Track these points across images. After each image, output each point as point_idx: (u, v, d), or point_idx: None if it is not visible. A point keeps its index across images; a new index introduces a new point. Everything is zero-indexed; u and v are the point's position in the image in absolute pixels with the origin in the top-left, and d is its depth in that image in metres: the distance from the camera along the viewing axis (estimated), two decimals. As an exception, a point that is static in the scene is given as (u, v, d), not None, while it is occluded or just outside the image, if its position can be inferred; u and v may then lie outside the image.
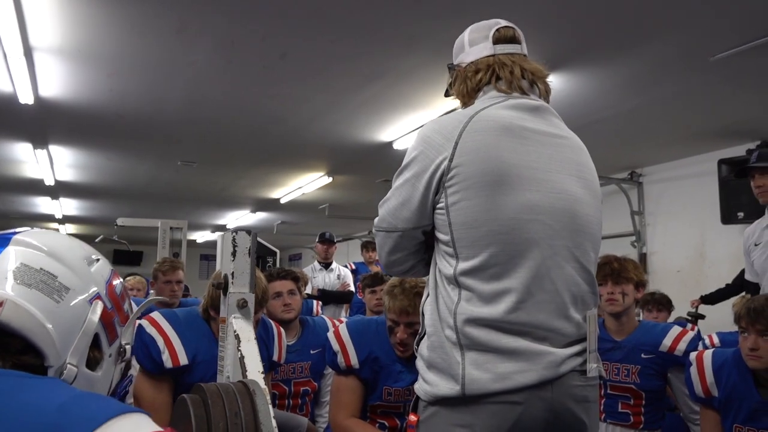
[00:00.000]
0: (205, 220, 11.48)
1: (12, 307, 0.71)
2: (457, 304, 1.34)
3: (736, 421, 1.90)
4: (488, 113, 1.40)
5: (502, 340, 1.31)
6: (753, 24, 3.35)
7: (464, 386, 1.30)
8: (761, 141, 5.64)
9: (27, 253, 0.77)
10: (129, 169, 7.32)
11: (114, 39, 3.74)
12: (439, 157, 1.36)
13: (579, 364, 1.37)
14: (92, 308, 0.78)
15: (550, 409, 1.33)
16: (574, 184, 1.42)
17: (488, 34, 1.54)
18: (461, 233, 1.34)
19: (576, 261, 1.39)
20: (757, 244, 2.73)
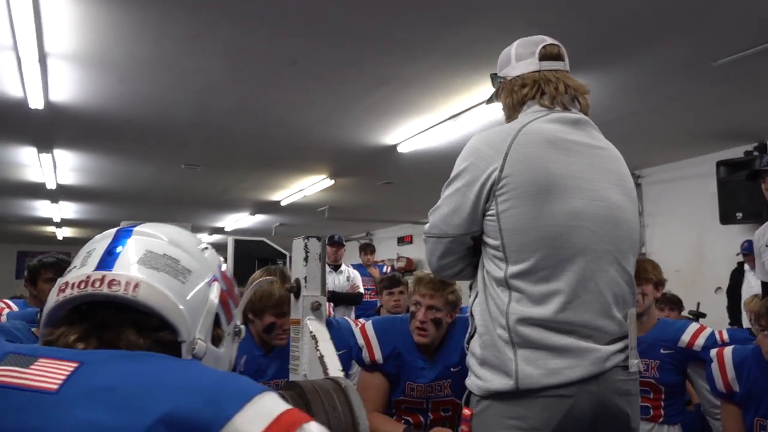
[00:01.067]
0: (203, 223, 11.51)
1: (147, 288, 0.77)
2: (508, 305, 1.43)
3: (758, 414, 1.98)
4: (534, 127, 1.49)
5: (551, 338, 1.40)
6: (756, 30, 3.45)
7: (518, 381, 1.39)
8: (758, 143, 5.77)
9: (150, 242, 0.83)
10: (132, 172, 7.35)
11: (127, 45, 3.79)
12: (490, 168, 1.45)
13: (622, 360, 1.46)
14: (212, 289, 0.84)
15: (597, 402, 1.42)
16: (614, 192, 1.52)
17: (535, 51, 1.62)
18: (511, 239, 1.43)
19: (618, 264, 1.49)
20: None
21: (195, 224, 10.85)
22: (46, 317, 0.80)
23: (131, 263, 0.79)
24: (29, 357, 0.69)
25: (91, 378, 0.67)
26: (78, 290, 0.77)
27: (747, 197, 5.63)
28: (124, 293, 0.76)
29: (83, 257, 0.82)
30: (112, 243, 0.82)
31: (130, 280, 0.77)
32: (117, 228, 0.86)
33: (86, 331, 0.76)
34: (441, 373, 2.31)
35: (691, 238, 6.28)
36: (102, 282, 0.77)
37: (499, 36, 3.73)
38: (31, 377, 0.66)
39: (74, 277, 0.79)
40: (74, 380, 0.66)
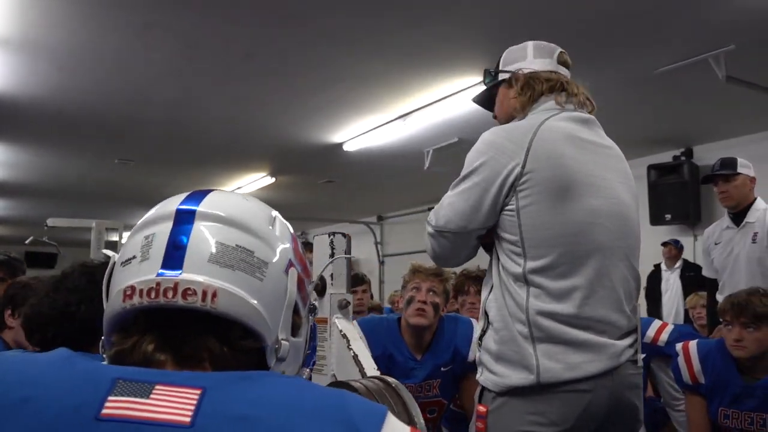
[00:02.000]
0: (134, 221, 11.01)
1: (225, 296, 0.68)
2: (527, 300, 1.44)
3: (722, 404, 2.10)
4: (552, 124, 1.51)
5: (571, 333, 1.43)
6: (695, 40, 3.65)
7: (539, 375, 1.41)
8: (685, 148, 6.11)
9: (218, 229, 0.72)
10: (60, 167, 6.96)
11: (69, 31, 3.59)
12: (512, 163, 1.45)
13: (632, 354, 1.51)
14: (289, 278, 0.74)
15: (612, 396, 1.45)
16: (622, 190, 1.57)
17: (553, 54, 1.67)
18: (531, 234, 1.45)
19: (627, 260, 1.53)
20: (717, 244, 2.99)
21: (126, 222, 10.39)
22: (111, 320, 0.72)
23: (202, 262, 0.69)
24: (144, 384, 0.61)
25: (221, 406, 0.60)
26: (148, 299, 0.68)
27: (675, 199, 5.96)
28: (201, 305, 0.67)
29: (142, 245, 0.71)
30: (175, 230, 0.71)
31: (206, 289, 0.68)
32: (176, 206, 0.73)
33: (164, 340, 0.69)
34: (431, 373, 2.30)
35: (623, 238, 6.55)
36: (175, 291, 0.68)
37: (456, 38, 3.81)
38: (156, 409, 0.59)
39: (141, 281, 0.69)
40: (204, 410, 0.59)
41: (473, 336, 2.31)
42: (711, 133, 5.71)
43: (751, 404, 2.04)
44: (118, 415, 0.58)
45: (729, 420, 2.08)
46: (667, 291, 5.51)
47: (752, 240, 2.80)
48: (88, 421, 0.57)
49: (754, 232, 2.80)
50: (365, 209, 9.94)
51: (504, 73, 1.67)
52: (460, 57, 3.98)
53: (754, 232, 2.81)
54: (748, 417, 2.04)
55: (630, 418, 1.52)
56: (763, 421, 2.01)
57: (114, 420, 0.58)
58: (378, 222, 10.36)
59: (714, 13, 3.35)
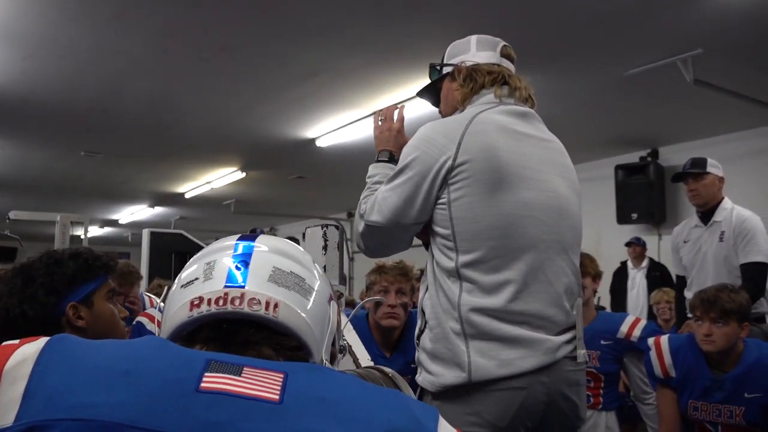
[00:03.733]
0: (96, 215, 10.80)
1: (285, 308, 0.75)
2: (460, 296, 1.42)
3: (692, 397, 2.16)
4: (486, 116, 1.49)
5: (503, 328, 1.39)
6: (664, 44, 3.74)
7: (470, 373, 1.37)
8: (651, 149, 6.26)
9: (274, 258, 0.80)
10: (22, 158, 6.77)
11: (38, 19, 3.50)
12: (443, 157, 1.43)
13: (570, 350, 1.47)
14: (332, 308, 0.82)
15: (548, 393, 1.42)
16: (561, 183, 1.53)
17: (496, 47, 1.65)
18: (462, 227, 1.42)
19: (565, 254, 1.50)
20: (686, 242, 3.07)
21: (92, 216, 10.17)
22: (175, 330, 0.76)
23: (263, 281, 0.76)
24: (234, 365, 0.66)
25: (303, 389, 0.65)
26: (216, 307, 0.74)
27: (642, 199, 6.10)
28: (265, 313, 0.74)
29: (204, 269, 0.78)
30: (236, 255, 0.79)
31: (270, 300, 0.74)
32: (235, 238, 0.83)
33: (225, 349, 0.73)
34: (401, 369, 2.27)
35: (591, 236, 6.63)
36: (242, 300, 0.74)
37: (430, 35, 3.83)
38: (248, 386, 0.64)
39: (208, 292, 0.75)
40: (290, 390, 0.64)
41: None
42: (677, 135, 5.86)
43: (719, 396, 2.10)
44: (215, 389, 0.63)
45: (698, 412, 2.14)
46: (633, 288, 5.63)
47: (719, 239, 2.89)
48: (189, 392, 0.62)
49: (722, 231, 2.89)
50: (335, 205, 9.92)
51: (448, 67, 1.66)
52: (434, 54, 3.98)
53: (721, 231, 2.89)
54: (716, 409, 2.10)
55: (569, 416, 1.48)
56: (730, 413, 2.08)
57: (212, 392, 0.63)
58: (348, 218, 10.35)
59: (683, 18, 3.44)
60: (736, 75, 4.13)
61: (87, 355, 0.67)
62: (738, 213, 2.89)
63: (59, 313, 1.40)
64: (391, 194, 1.50)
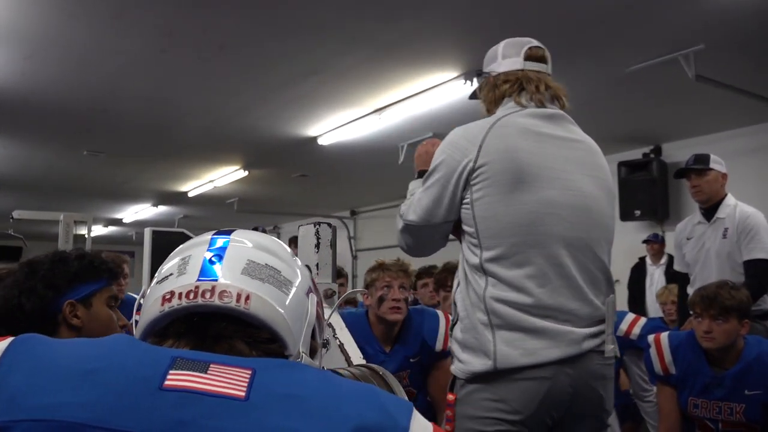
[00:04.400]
0: (100, 214, 10.83)
1: (257, 300, 0.74)
2: (485, 290, 1.50)
3: (692, 394, 2.15)
4: (508, 120, 1.58)
5: (528, 320, 1.46)
6: (665, 41, 3.72)
7: (496, 361, 1.45)
8: (654, 146, 6.23)
9: (249, 250, 0.79)
10: (25, 158, 6.79)
11: (38, 19, 3.50)
12: (465, 159, 1.53)
13: (597, 344, 1.52)
14: (310, 300, 0.81)
15: (573, 385, 1.48)
16: (588, 182, 1.58)
17: (520, 51, 1.69)
18: (484, 225, 1.51)
19: (590, 251, 1.55)
20: (689, 239, 3.05)
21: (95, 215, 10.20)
22: (148, 327, 0.75)
23: (236, 273, 0.76)
24: (201, 362, 0.66)
25: (270, 385, 0.65)
26: (187, 300, 0.73)
27: (645, 196, 6.07)
28: (236, 305, 0.73)
29: (178, 265, 0.78)
30: (210, 250, 0.78)
31: (241, 292, 0.73)
32: (211, 234, 0.82)
33: (199, 344, 0.72)
34: (401, 364, 2.34)
35: (594, 233, 6.65)
36: (213, 293, 0.73)
37: (431, 33, 3.82)
38: (214, 383, 0.64)
39: (180, 286, 0.74)
40: (257, 387, 0.64)
41: (439, 327, 2.39)
42: (679, 131, 5.83)
43: (719, 394, 2.09)
44: (180, 386, 0.63)
45: (698, 409, 2.14)
46: (652, 285, 5.57)
47: (723, 235, 2.87)
48: (153, 390, 0.62)
49: (725, 228, 2.87)
50: (339, 204, 9.91)
51: (483, 76, 1.76)
52: (435, 52, 4.00)
53: (724, 228, 2.87)
54: (716, 406, 2.10)
55: (595, 408, 1.54)
56: (730, 410, 2.07)
57: (176, 390, 0.63)
58: (351, 216, 10.35)
59: (684, 14, 3.42)
60: (739, 71, 4.11)
61: (52, 354, 0.67)
62: (741, 209, 2.87)
63: (56, 308, 1.40)
64: (423, 196, 1.62)
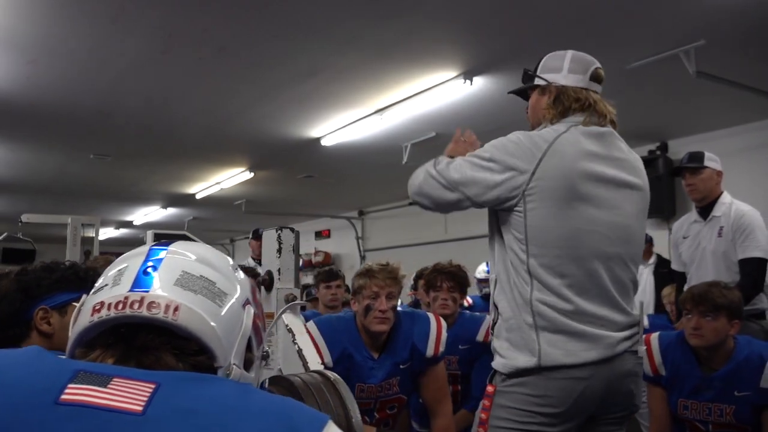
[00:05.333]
0: (111, 216, 10.94)
1: (186, 311, 0.74)
2: (531, 293, 1.62)
3: (681, 396, 2.13)
4: (567, 138, 1.66)
5: (570, 324, 1.60)
6: (666, 36, 3.68)
7: (540, 358, 1.58)
8: (660, 143, 6.17)
9: (185, 262, 0.80)
10: (35, 162, 6.87)
11: (38, 24, 3.54)
12: (523, 170, 1.63)
13: (630, 345, 1.66)
14: (246, 312, 0.81)
15: (608, 383, 1.61)
16: (630, 201, 1.72)
17: (587, 70, 1.78)
18: (534, 234, 1.63)
19: (624, 264, 1.70)
20: (685, 237, 3.02)
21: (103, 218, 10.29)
22: (77, 337, 0.76)
23: (168, 284, 0.76)
24: (104, 376, 0.66)
25: (172, 400, 0.65)
26: (115, 311, 0.74)
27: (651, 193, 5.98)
28: (164, 316, 0.74)
29: (114, 275, 0.79)
30: (146, 261, 0.79)
31: (170, 303, 0.74)
32: (150, 245, 0.84)
33: (124, 355, 0.73)
34: (390, 371, 2.28)
35: (600, 232, 6.60)
36: (141, 304, 0.74)
37: (431, 32, 3.81)
38: (112, 397, 0.64)
39: (110, 297, 0.75)
40: (156, 402, 0.64)
41: (430, 331, 2.33)
42: (685, 128, 5.77)
43: (708, 395, 2.07)
44: (75, 401, 0.63)
45: (688, 411, 2.11)
46: (639, 285, 5.54)
47: (718, 234, 2.84)
48: (47, 404, 0.62)
49: (720, 226, 2.84)
50: (346, 204, 9.92)
51: (540, 79, 1.79)
52: (436, 51, 3.98)
53: (720, 226, 2.84)
54: (706, 408, 2.07)
55: (626, 402, 1.68)
56: (720, 411, 2.04)
57: (71, 405, 0.62)
58: (359, 217, 10.35)
59: (684, 9, 3.38)
60: (740, 66, 4.05)
61: None
62: (737, 207, 2.84)
63: (29, 314, 1.42)
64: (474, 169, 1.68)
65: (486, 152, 1.69)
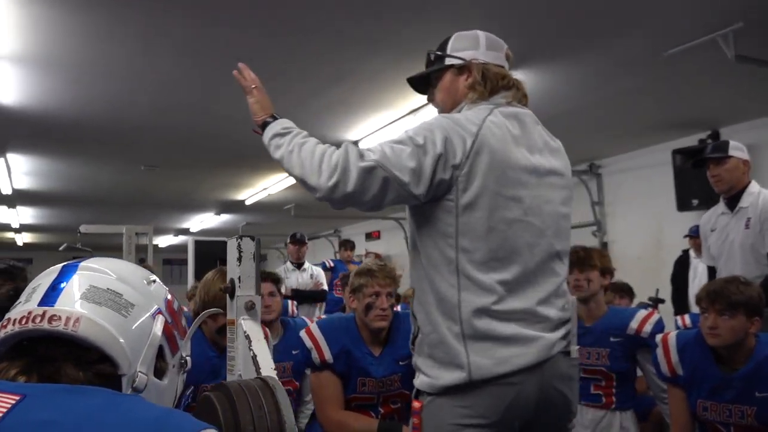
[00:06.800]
0: (168, 224, 11.35)
1: (87, 322, 0.79)
2: (459, 294, 1.47)
3: (700, 396, 2.04)
4: (493, 120, 1.53)
5: (498, 327, 1.46)
6: (705, 19, 3.52)
7: (470, 373, 1.44)
8: (711, 131, 5.90)
9: (94, 276, 0.85)
10: (90, 175, 7.21)
11: (75, 45, 3.71)
12: (457, 153, 1.47)
13: (564, 346, 1.54)
14: (155, 322, 0.85)
15: (541, 388, 1.48)
16: (555, 189, 1.60)
17: (502, 49, 1.70)
18: (467, 225, 1.48)
19: (557, 255, 1.58)
20: (713, 230, 2.89)
21: (158, 226, 10.69)
22: None
23: (74, 298, 0.81)
24: None
25: (31, 412, 0.68)
26: (19, 326, 0.78)
27: (702, 184, 5.74)
28: (64, 328, 0.77)
29: (28, 293, 0.84)
30: (56, 279, 0.84)
31: (71, 315, 0.78)
32: (63, 263, 0.88)
33: (27, 366, 0.77)
34: (391, 367, 2.36)
35: (650, 225, 6.40)
36: (43, 317, 0.78)
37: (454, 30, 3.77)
38: None
39: (16, 313, 0.80)
40: (15, 413, 0.67)
41: None
42: (737, 115, 5.50)
43: (728, 396, 1.97)
44: None
45: (708, 412, 2.02)
46: (695, 278, 5.33)
47: (746, 226, 2.69)
48: None
49: (748, 218, 2.69)
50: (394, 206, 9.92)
51: (454, 59, 1.65)
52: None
53: (747, 218, 2.70)
54: (726, 409, 1.97)
55: (561, 409, 1.54)
56: (741, 413, 1.94)
57: None
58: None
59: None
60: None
61: None
62: (765, 197, 2.69)
63: None
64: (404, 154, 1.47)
65: (414, 137, 1.50)
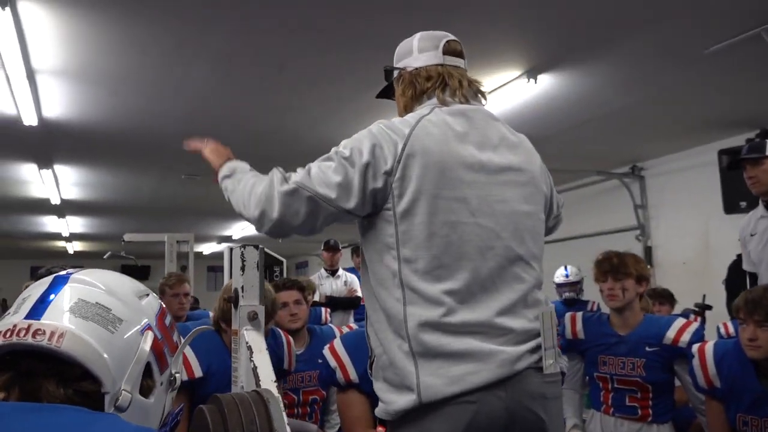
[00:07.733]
0: (211, 232, 11.54)
1: (72, 338, 0.77)
2: (405, 309, 1.36)
3: (739, 410, 1.93)
4: (431, 119, 1.45)
5: (452, 343, 1.33)
6: (744, 16, 3.39)
7: (420, 395, 1.32)
8: (760, 130, 5.65)
9: (83, 290, 0.83)
10: (134, 184, 7.39)
11: (115, 59, 3.81)
12: (389, 159, 1.40)
13: (535, 360, 1.39)
14: (144, 338, 0.83)
15: (507, 408, 1.34)
16: (512, 187, 1.47)
17: (438, 45, 1.59)
18: (407, 234, 1.38)
19: (520, 259, 1.43)
20: (753, 235, 2.74)
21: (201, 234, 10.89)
22: None
23: (62, 312, 0.79)
24: None
25: None
26: (3, 339, 0.77)
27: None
28: (47, 343, 0.76)
29: (18, 304, 0.82)
30: (46, 291, 0.82)
31: (55, 330, 0.77)
32: (54, 275, 0.86)
33: (10, 381, 0.76)
34: None
35: (697, 228, 6.18)
36: (27, 331, 0.77)
37: (483, 33, 3.73)
38: None
39: (3, 325, 0.79)
40: None
41: None
42: (786, 112, 5.27)
43: (770, 410, 1.86)
44: None
45: (748, 427, 1.91)
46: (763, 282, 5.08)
47: (788, 229, 2.56)
48: None
49: (789, 221, 2.56)
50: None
51: (396, 71, 1.63)
52: (496, 52, 3.89)
53: (789, 221, 2.56)
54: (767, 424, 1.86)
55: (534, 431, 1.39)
56: (784, 429, 1.83)
57: None
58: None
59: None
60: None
61: None
62: (808, 199, 2.54)
63: None
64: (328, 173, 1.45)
65: (341, 150, 1.47)
